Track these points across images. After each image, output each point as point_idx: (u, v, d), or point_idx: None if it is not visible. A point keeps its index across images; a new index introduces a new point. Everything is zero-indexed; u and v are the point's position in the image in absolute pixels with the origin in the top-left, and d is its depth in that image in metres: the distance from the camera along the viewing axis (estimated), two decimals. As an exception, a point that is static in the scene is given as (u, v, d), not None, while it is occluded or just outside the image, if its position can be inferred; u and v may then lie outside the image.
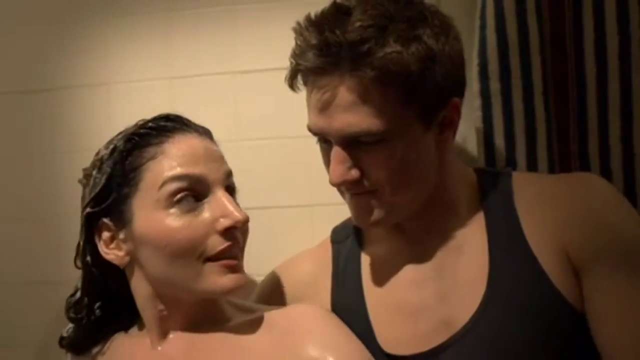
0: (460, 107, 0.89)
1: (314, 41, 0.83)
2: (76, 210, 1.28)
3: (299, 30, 0.86)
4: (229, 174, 0.91)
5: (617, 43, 1.06)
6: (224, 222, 0.85)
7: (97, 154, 0.92)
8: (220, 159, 0.91)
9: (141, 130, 0.90)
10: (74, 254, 1.27)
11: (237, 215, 0.86)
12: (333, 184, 0.88)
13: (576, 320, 0.85)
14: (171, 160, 0.87)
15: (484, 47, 1.06)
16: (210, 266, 0.86)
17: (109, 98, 1.29)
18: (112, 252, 0.90)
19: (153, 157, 0.87)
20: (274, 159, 1.21)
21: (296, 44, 0.86)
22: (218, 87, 1.25)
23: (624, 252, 0.84)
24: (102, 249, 0.90)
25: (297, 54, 0.85)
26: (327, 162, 0.90)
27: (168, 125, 0.90)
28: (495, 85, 1.06)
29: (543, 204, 0.89)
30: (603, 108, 1.08)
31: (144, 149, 0.88)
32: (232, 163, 0.93)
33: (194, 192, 0.86)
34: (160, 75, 1.27)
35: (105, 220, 0.89)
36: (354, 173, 0.87)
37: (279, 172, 1.21)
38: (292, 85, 0.89)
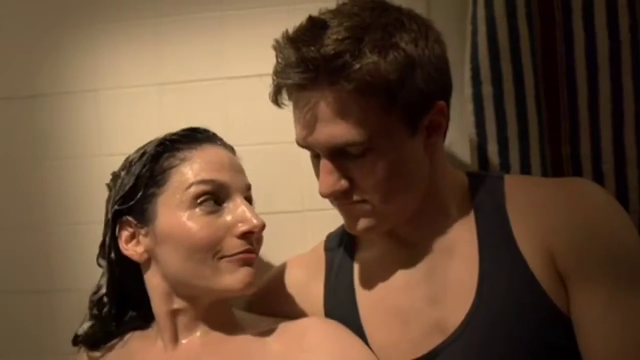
0: (446, 110, 0.89)
1: (292, 58, 0.83)
2: (64, 217, 1.29)
3: (278, 48, 0.86)
4: (248, 187, 0.97)
5: (607, 46, 1.06)
6: (242, 227, 0.90)
7: (127, 158, 0.98)
8: (242, 172, 0.97)
9: (172, 137, 0.96)
10: (62, 262, 1.28)
11: (255, 222, 0.91)
12: (323, 195, 0.89)
13: (564, 324, 0.85)
14: (199, 166, 0.92)
15: (476, 51, 1.06)
16: (226, 262, 0.90)
17: (97, 104, 1.28)
18: (131, 249, 0.95)
19: (182, 161, 0.93)
20: (265, 164, 1.20)
21: (277, 61, 0.86)
22: (207, 93, 1.24)
23: (610, 263, 0.83)
24: (122, 245, 0.95)
25: (278, 71, 0.86)
26: (317, 173, 0.90)
27: (197, 136, 0.96)
28: (487, 90, 1.06)
29: (534, 208, 0.89)
30: (594, 111, 1.08)
31: (174, 153, 0.94)
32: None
33: (216, 196, 0.92)
34: (149, 82, 1.26)
35: (129, 217, 0.94)
36: (343, 183, 0.87)
37: (270, 178, 1.20)
38: (276, 101, 0.89)
